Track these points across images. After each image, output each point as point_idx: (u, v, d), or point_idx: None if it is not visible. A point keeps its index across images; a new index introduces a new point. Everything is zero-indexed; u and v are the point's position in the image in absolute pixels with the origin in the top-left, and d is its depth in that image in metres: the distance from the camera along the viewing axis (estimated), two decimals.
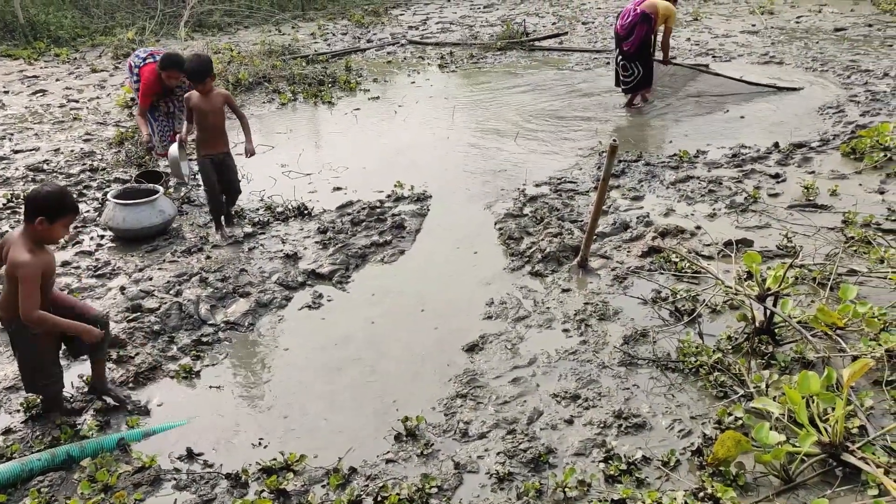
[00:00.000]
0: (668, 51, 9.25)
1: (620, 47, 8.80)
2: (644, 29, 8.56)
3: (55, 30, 13.37)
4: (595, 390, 4.02)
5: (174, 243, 5.87)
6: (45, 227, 3.44)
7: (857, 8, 14.96)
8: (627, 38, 8.65)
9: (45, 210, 3.42)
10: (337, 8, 17.07)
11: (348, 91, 10.38)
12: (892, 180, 6.48)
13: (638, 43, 8.63)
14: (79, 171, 7.36)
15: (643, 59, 8.79)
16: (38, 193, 3.47)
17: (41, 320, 3.46)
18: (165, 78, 6.60)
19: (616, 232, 5.87)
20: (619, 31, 8.74)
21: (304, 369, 4.34)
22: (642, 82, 8.98)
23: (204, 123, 5.65)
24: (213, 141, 5.73)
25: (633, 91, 9.13)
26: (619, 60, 8.94)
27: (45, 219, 3.42)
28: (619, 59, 8.91)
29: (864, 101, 8.87)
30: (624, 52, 8.77)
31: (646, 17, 8.51)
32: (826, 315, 4.03)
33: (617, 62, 9.01)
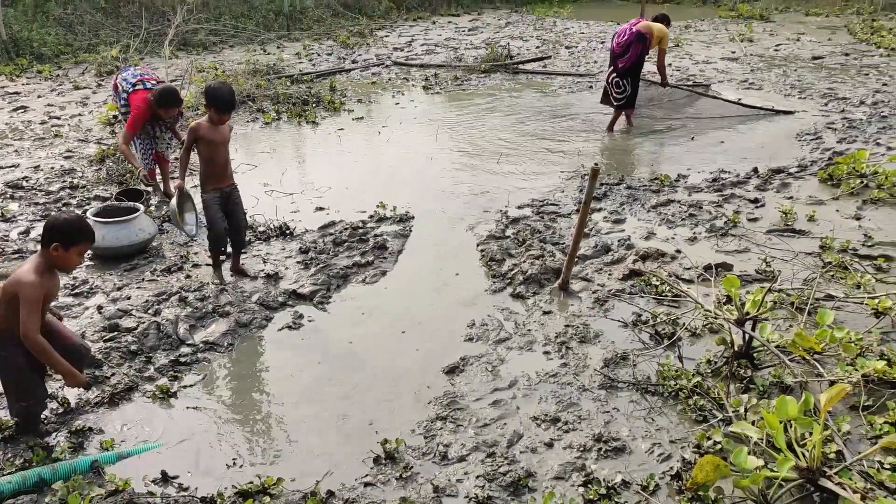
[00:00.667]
0: (665, 72, 9.43)
1: (615, 64, 8.98)
2: (639, 48, 8.79)
3: (38, 46, 13.34)
4: (575, 413, 4.01)
5: (154, 262, 5.82)
6: (61, 253, 3.48)
7: (833, 37, 15.26)
8: (623, 55, 8.86)
9: (61, 236, 3.47)
10: (322, 28, 17.17)
11: (332, 111, 10.41)
12: (868, 207, 6.57)
13: (634, 60, 8.85)
14: (59, 188, 7.30)
15: (634, 77, 8.97)
16: (56, 220, 3.51)
17: (39, 346, 3.45)
18: (162, 113, 6.58)
19: (597, 255, 5.90)
20: (615, 49, 8.94)
21: (283, 391, 4.30)
22: (630, 101, 9.13)
23: (214, 157, 5.22)
24: (222, 174, 5.33)
25: (621, 108, 9.26)
26: (612, 78, 9.10)
27: (61, 245, 3.46)
28: (613, 76, 9.06)
29: (841, 128, 9.02)
30: (618, 70, 8.95)
31: (641, 37, 8.74)
32: (804, 340, 4.06)
33: (609, 80, 9.17)
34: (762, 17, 18.22)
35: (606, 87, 9.29)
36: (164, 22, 15.04)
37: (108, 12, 15.23)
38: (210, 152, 5.19)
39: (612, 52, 9.05)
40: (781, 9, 19.49)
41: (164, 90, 6.52)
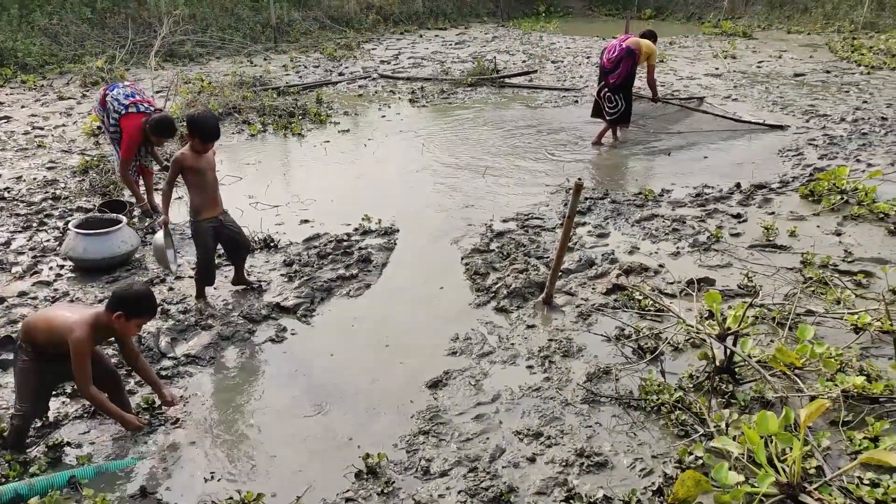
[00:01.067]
0: (656, 88, 9.57)
1: (606, 80, 9.09)
2: (629, 63, 8.92)
3: (23, 56, 13.27)
4: (558, 428, 4.02)
5: (136, 274, 5.79)
6: (122, 323, 3.62)
7: (815, 55, 15.47)
8: (614, 71, 8.98)
9: (127, 307, 3.63)
10: (310, 41, 17.21)
11: (318, 123, 10.41)
12: (848, 223, 6.64)
13: (624, 75, 8.97)
14: (41, 199, 7.25)
15: (626, 92, 9.11)
16: (127, 291, 3.66)
17: (93, 399, 3.69)
18: (155, 141, 6.59)
19: (581, 269, 5.92)
20: (606, 65, 9.04)
21: (265, 405, 4.28)
22: (623, 116, 9.26)
23: (203, 185, 5.01)
24: (213, 202, 5.11)
25: (614, 123, 9.39)
26: (603, 93, 9.21)
27: (124, 315, 3.61)
28: (605, 91, 9.18)
29: (822, 144, 9.13)
30: (610, 85, 9.07)
31: (630, 52, 8.87)
32: (784, 355, 4.09)
33: (601, 95, 9.27)
34: (745, 34, 18.44)
35: (598, 100, 9.38)
36: (150, 33, 15.00)
37: (94, 23, 15.18)
38: (198, 181, 4.99)
39: (602, 68, 9.15)
40: (764, 26, 19.73)
41: (161, 120, 6.49)
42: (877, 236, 6.35)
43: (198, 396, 4.35)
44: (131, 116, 6.53)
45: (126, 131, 6.53)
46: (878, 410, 3.97)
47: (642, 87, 10.08)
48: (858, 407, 4.00)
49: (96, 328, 3.62)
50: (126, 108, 6.55)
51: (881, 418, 3.86)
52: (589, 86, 12.83)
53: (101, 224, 5.90)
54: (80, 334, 3.53)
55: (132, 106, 6.56)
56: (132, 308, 3.63)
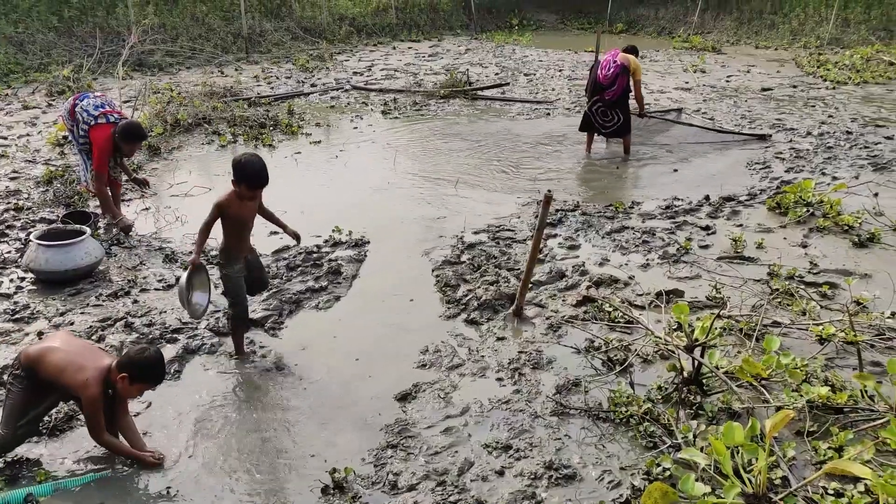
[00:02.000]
0: (643, 102, 9.69)
1: (602, 96, 9.19)
2: (625, 79, 9.10)
3: None
4: (527, 440, 4.00)
5: (100, 286, 5.68)
6: (125, 384, 3.59)
7: (782, 70, 15.75)
8: (610, 87, 9.10)
9: (133, 370, 3.58)
10: (282, 52, 17.13)
11: (290, 134, 10.35)
12: (814, 235, 6.74)
13: (620, 92, 9.12)
14: (2, 209, 7.10)
15: (623, 106, 9.25)
16: (138, 356, 3.62)
17: (107, 445, 3.71)
18: (127, 150, 6.49)
19: (552, 281, 5.92)
20: (602, 81, 9.15)
21: (231, 419, 4.20)
22: (623, 128, 9.39)
23: (242, 232, 4.64)
24: (245, 243, 4.73)
25: (613, 136, 9.56)
26: (597, 108, 9.31)
27: (128, 377, 3.56)
28: (599, 106, 9.28)
29: (789, 157, 9.27)
30: (606, 101, 9.19)
31: (625, 69, 9.05)
32: (751, 366, 4.12)
33: (593, 110, 9.36)
34: (714, 49, 18.72)
35: (588, 115, 9.45)
36: (118, 42, 14.84)
37: (60, 32, 14.98)
38: (237, 228, 4.59)
39: (598, 84, 9.24)
40: (733, 41, 20.06)
41: (128, 126, 6.40)
42: (841, 248, 6.44)
43: (161, 411, 4.26)
44: (100, 127, 6.41)
45: (96, 143, 6.40)
46: (843, 420, 4.00)
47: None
48: (823, 417, 4.04)
49: (103, 386, 3.60)
50: (95, 119, 6.42)
51: (845, 428, 3.89)
52: (560, 98, 12.93)
53: (65, 235, 5.78)
54: (94, 392, 3.54)
55: (101, 117, 6.44)
56: (138, 373, 3.59)
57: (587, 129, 9.61)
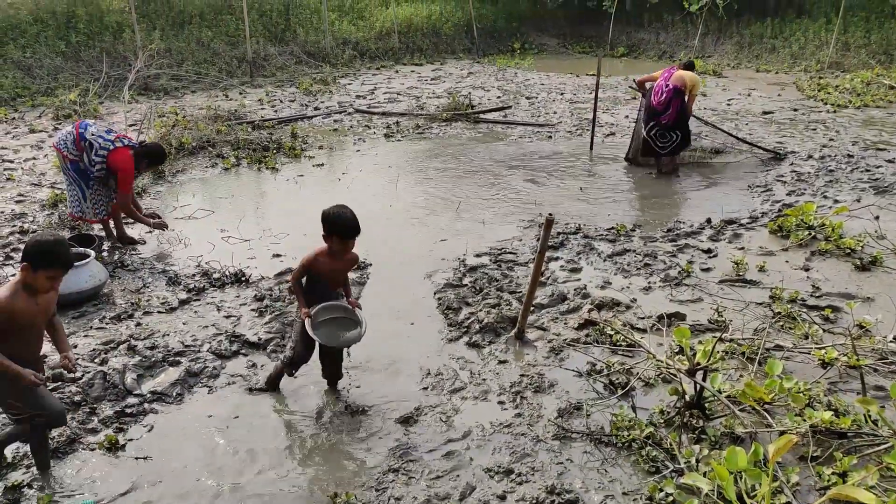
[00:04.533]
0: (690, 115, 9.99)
1: (658, 120, 9.45)
2: (679, 103, 9.41)
3: None
4: (529, 465, 3.98)
5: (103, 309, 5.69)
6: (28, 274, 3.43)
7: (783, 93, 15.82)
8: (664, 112, 9.39)
9: (30, 258, 3.42)
10: (286, 75, 17.28)
11: (293, 157, 10.41)
12: (816, 258, 6.74)
13: (675, 115, 9.42)
14: (8, 232, 7.14)
15: (682, 126, 9.56)
16: (31, 241, 3.47)
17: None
18: (143, 169, 6.73)
19: (554, 303, 5.93)
20: (657, 107, 9.41)
21: (233, 442, 4.20)
22: (682, 144, 9.71)
23: (324, 290, 4.37)
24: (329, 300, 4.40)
25: (671, 154, 9.76)
26: (655, 133, 9.56)
27: (29, 265, 3.41)
28: (655, 129, 9.53)
29: (791, 181, 9.29)
30: (662, 125, 9.47)
31: (678, 92, 9.36)
32: (753, 390, 4.11)
33: (651, 135, 9.61)
34: (715, 72, 18.83)
35: (647, 140, 9.66)
36: (125, 66, 15.00)
37: (68, 56, 15.14)
38: (322, 286, 4.34)
39: (652, 109, 9.47)
40: (733, 65, 20.18)
41: (156, 148, 6.70)
42: (844, 272, 6.44)
43: (164, 435, 4.26)
44: (120, 151, 6.53)
45: (120, 166, 6.50)
46: (847, 445, 3.99)
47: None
48: (827, 442, 4.02)
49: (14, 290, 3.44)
50: (113, 143, 6.52)
51: (849, 453, 3.87)
52: (562, 122, 13.00)
53: None
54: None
55: (118, 140, 6.57)
56: (35, 258, 3.41)
57: (650, 153, 9.82)
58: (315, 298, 4.31)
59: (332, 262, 4.24)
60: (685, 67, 9.73)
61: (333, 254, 4.21)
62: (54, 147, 6.66)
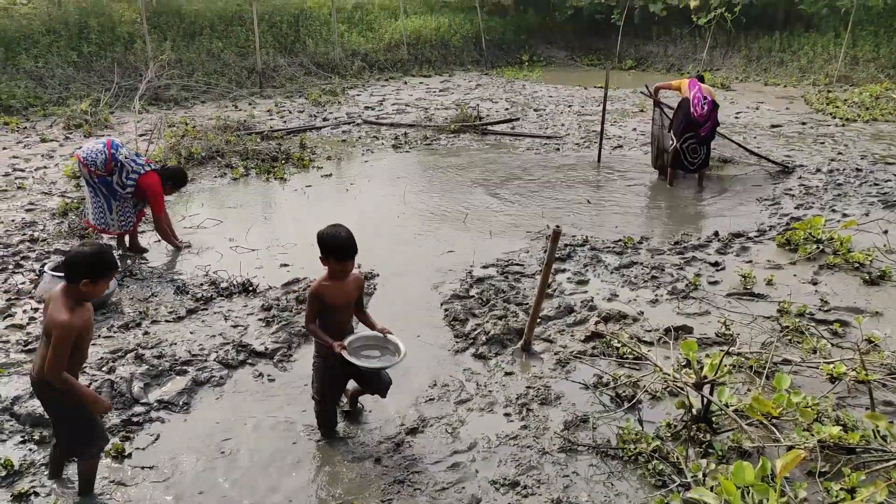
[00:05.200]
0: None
1: (697, 132, 9.40)
2: (716, 115, 9.49)
3: (6, 99, 13.28)
4: (534, 477, 3.97)
5: (111, 318, 5.72)
6: (90, 287, 3.47)
7: (791, 106, 15.81)
8: (705, 123, 9.37)
9: (89, 273, 3.46)
10: (295, 86, 17.37)
11: (301, 168, 10.46)
12: (824, 272, 6.71)
13: (712, 127, 9.46)
14: (18, 241, 7.19)
15: (709, 143, 9.62)
16: (81, 256, 3.49)
17: (64, 382, 3.44)
18: (169, 189, 6.99)
19: (560, 315, 5.92)
20: (700, 119, 9.34)
21: (240, 451, 4.20)
22: (705, 163, 9.71)
23: (337, 319, 4.13)
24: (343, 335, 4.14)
25: (697, 170, 9.74)
26: (688, 145, 9.49)
27: (89, 280, 3.45)
28: (691, 143, 9.47)
29: (799, 194, 9.27)
30: (701, 137, 9.44)
31: (716, 105, 9.45)
32: (761, 404, 4.09)
33: (684, 147, 9.51)
34: (723, 85, 18.83)
35: (679, 151, 9.54)
36: (136, 77, 15.11)
37: (79, 67, 15.26)
38: (332, 315, 4.10)
39: (694, 121, 9.35)
40: (742, 78, 20.18)
41: (179, 171, 7.04)
42: (852, 286, 6.41)
43: (170, 444, 4.27)
44: (150, 175, 6.78)
45: (151, 189, 6.76)
46: (855, 461, 3.96)
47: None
48: (835, 457, 3.99)
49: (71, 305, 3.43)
50: (143, 168, 6.77)
51: (857, 469, 3.85)
52: (570, 133, 13.01)
53: None
54: (60, 318, 3.37)
55: (146, 165, 6.82)
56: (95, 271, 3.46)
57: (678, 165, 9.72)
58: (333, 332, 4.06)
59: (338, 288, 4.03)
60: (701, 80, 9.74)
61: (336, 278, 4.02)
62: (79, 159, 6.68)
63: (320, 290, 4.00)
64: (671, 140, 9.57)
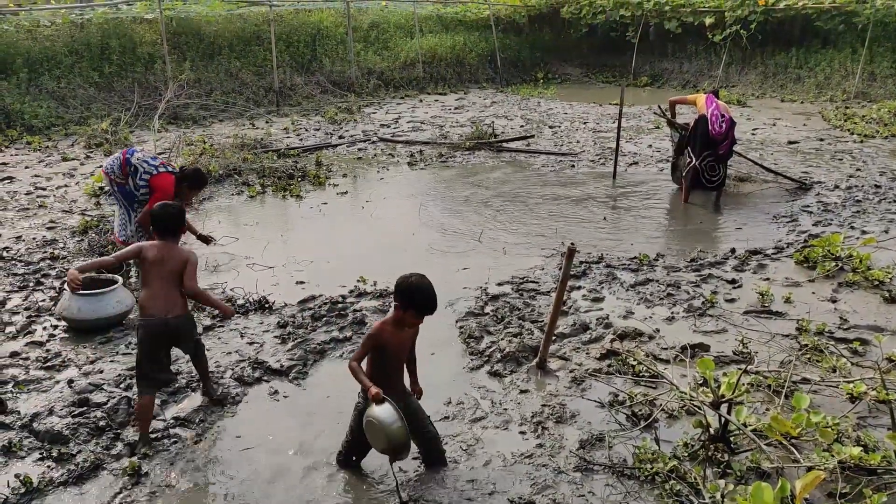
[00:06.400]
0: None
1: (716, 150, 9.30)
2: (734, 133, 9.37)
3: (30, 118, 13.49)
4: (550, 496, 3.94)
5: (129, 335, 5.76)
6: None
7: (808, 123, 15.74)
8: (724, 141, 9.27)
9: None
10: (311, 104, 17.53)
11: (317, 185, 10.53)
12: (843, 290, 6.65)
13: (730, 145, 9.36)
14: (39, 258, 7.29)
15: (727, 161, 9.52)
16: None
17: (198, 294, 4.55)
18: (189, 196, 6.73)
19: (576, 333, 5.90)
20: (717, 136, 9.25)
21: (257, 468, 4.21)
22: (723, 182, 9.63)
23: (394, 364, 4.00)
24: (397, 383, 4.04)
25: (716, 189, 9.65)
26: (707, 164, 9.41)
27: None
28: (710, 161, 9.39)
29: (817, 211, 9.21)
30: (719, 155, 9.35)
31: (733, 123, 9.33)
32: (780, 424, 4.04)
33: (703, 165, 9.42)
34: (739, 102, 18.80)
35: (698, 169, 9.42)
36: (155, 96, 15.31)
37: (101, 87, 15.49)
38: (389, 360, 3.95)
39: (712, 139, 9.25)
40: (758, 95, 20.14)
41: (199, 171, 6.74)
42: (872, 304, 6.34)
43: (187, 461, 4.28)
44: (163, 175, 6.71)
45: (160, 189, 6.65)
46: (876, 482, 3.90)
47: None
48: (856, 479, 3.93)
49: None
50: (157, 168, 6.73)
51: (879, 490, 3.79)
52: (585, 150, 13.02)
53: (97, 284, 5.91)
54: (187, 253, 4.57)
55: (161, 167, 6.77)
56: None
57: (697, 185, 9.59)
58: (382, 376, 3.89)
59: (398, 336, 3.89)
60: (717, 96, 9.69)
61: (401, 326, 3.87)
62: (103, 171, 6.92)
63: (381, 333, 3.83)
64: (688, 158, 9.52)
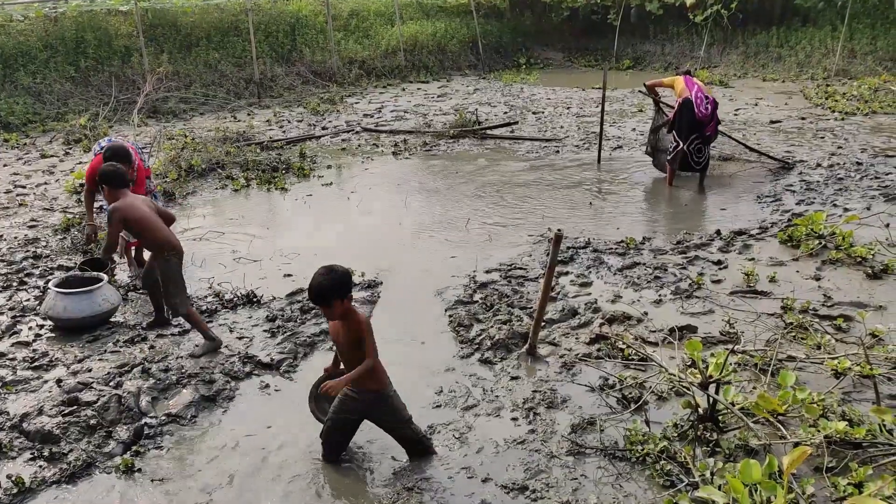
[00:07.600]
0: None
1: (702, 132, 9.31)
2: (717, 115, 9.39)
3: (6, 115, 13.34)
4: (543, 481, 3.98)
5: (117, 333, 5.74)
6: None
7: (790, 102, 15.81)
8: (709, 123, 9.29)
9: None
10: (293, 96, 17.42)
11: (302, 177, 10.48)
12: (827, 267, 6.71)
13: (716, 127, 9.40)
14: (21, 258, 7.22)
15: (711, 142, 9.55)
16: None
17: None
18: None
19: (564, 318, 5.93)
20: (703, 119, 9.25)
21: (249, 463, 4.22)
22: (709, 162, 9.67)
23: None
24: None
25: (703, 171, 9.67)
26: (694, 146, 9.41)
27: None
28: (697, 144, 9.39)
29: (800, 190, 9.28)
30: (705, 137, 9.37)
31: (716, 104, 9.34)
32: (767, 402, 4.10)
33: (690, 148, 9.42)
34: (721, 82, 18.84)
35: (686, 153, 9.42)
36: (134, 90, 15.16)
37: (77, 81, 15.31)
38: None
39: (697, 122, 9.23)
40: (740, 75, 20.20)
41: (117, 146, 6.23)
42: (855, 280, 6.42)
43: (179, 457, 4.28)
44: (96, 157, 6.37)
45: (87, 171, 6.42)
46: (862, 455, 3.96)
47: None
48: (842, 452, 4.00)
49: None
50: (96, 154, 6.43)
51: (865, 463, 3.84)
52: (569, 136, 13.03)
53: (82, 283, 5.87)
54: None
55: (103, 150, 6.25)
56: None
57: (685, 167, 9.62)
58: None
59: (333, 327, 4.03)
60: (692, 74, 9.73)
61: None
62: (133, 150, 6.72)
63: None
64: (672, 141, 9.54)
